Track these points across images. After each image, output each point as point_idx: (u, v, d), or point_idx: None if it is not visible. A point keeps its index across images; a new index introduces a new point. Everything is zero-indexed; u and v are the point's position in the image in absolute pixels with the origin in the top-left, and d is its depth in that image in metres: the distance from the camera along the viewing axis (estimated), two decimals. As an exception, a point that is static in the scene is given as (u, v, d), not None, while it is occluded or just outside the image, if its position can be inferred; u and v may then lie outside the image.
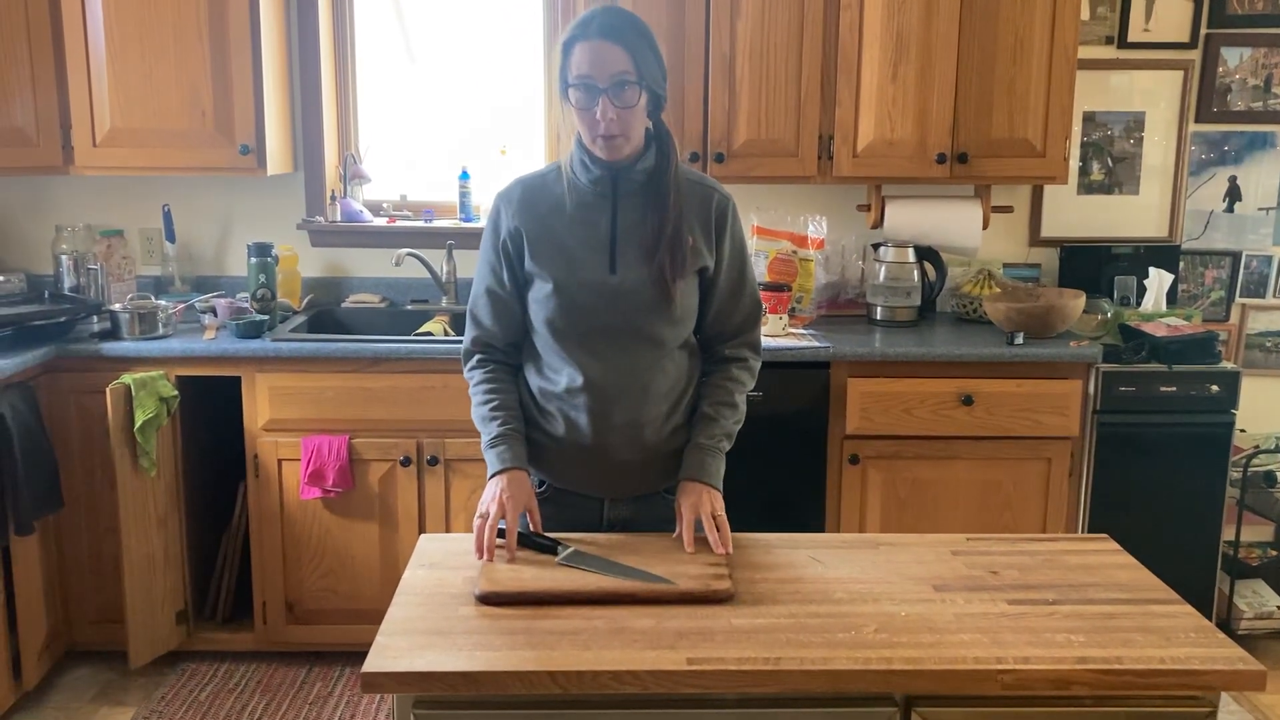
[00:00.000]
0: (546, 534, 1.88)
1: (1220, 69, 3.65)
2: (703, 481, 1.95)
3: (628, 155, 1.92)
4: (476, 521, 1.86)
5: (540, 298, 1.97)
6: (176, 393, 3.14)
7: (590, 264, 1.94)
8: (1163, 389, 3.21)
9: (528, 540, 1.87)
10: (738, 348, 2.07)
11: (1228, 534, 3.39)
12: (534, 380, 2.03)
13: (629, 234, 1.95)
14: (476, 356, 2.06)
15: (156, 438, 3.09)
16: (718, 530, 1.87)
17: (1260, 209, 3.76)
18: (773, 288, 3.31)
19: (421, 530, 3.19)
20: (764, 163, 3.36)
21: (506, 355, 2.05)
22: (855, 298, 3.67)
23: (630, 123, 1.88)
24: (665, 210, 1.93)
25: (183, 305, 3.41)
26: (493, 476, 1.92)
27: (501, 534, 1.85)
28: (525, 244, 1.97)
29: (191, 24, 3.27)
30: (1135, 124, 3.71)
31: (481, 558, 1.80)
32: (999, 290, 3.55)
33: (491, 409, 1.99)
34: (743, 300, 2.06)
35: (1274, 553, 3.64)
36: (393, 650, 1.54)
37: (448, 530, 3.20)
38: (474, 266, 2.09)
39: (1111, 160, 3.73)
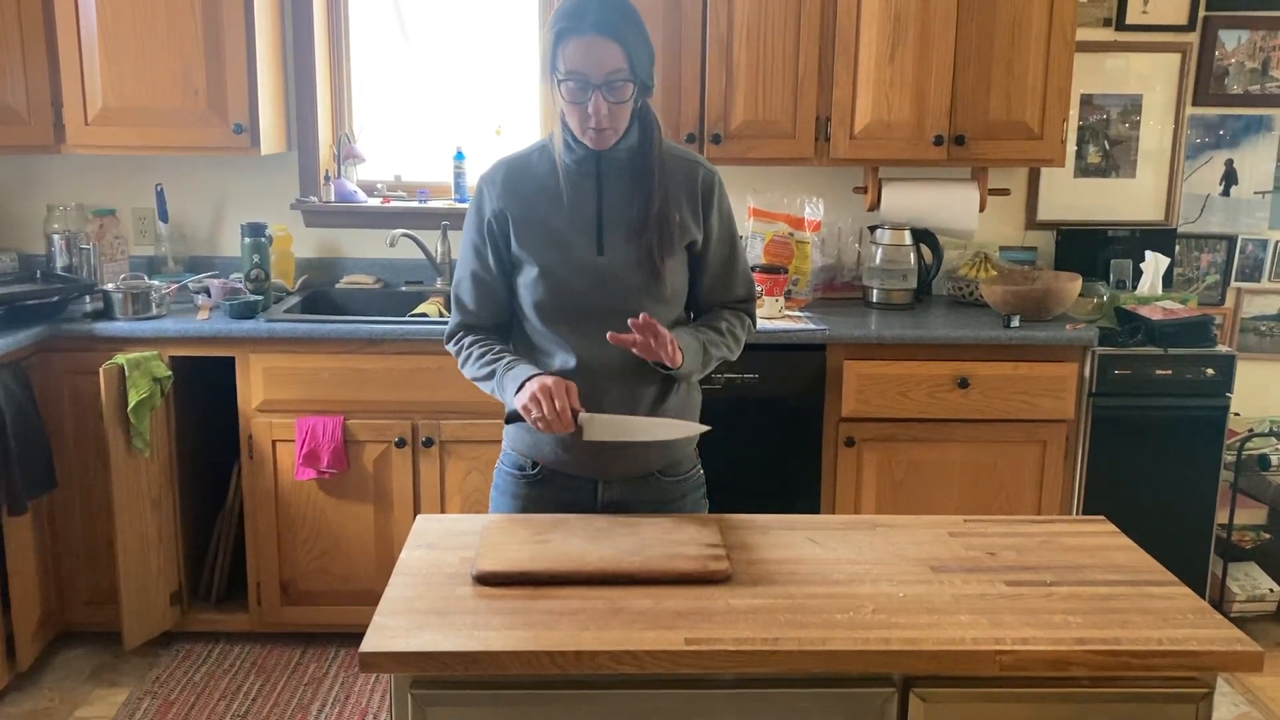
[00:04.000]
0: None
1: (1218, 52, 3.64)
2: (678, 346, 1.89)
3: (613, 143, 1.91)
4: (536, 411, 1.82)
5: (528, 282, 1.95)
6: (170, 373, 3.12)
7: (577, 245, 1.93)
8: (1158, 372, 3.21)
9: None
10: (736, 310, 2.08)
11: (1221, 517, 3.40)
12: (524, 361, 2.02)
13: (615, 214, 1.93)
14: (461, 333, 2.04)
15: (150, 418, 3.08)
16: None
17: (1256, 193, 3.75)
18: (769, 270, 3.30)
19: (416, 512, 3.19)
20: (761, 144, 3.35)
21: (494, 335, 2.04)
22: (851, 280, 3.67)
23: (620, 116, 1.87)
24: (651, 189, 1.91)
25: (176, 285, 3.40)
26: (525, 384, 1.86)
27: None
28: (510, 227, 1.96)
29: (184, 1, 3.24)
30: (1132, 107, 3.70)
31: (561, 423, 1.80)
32: (995, 273, 3.54)
33: (494, 353, 1.96)
34: (736, 276, 2.05)
35: (1267, 536, 3.65)
36: (390, 630, 1.54)
37: (443, 512, 3.20)
38: None
39: (1108, 143, 3.72)
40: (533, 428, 1.93)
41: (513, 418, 1.93)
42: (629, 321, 1.83)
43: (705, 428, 1.75)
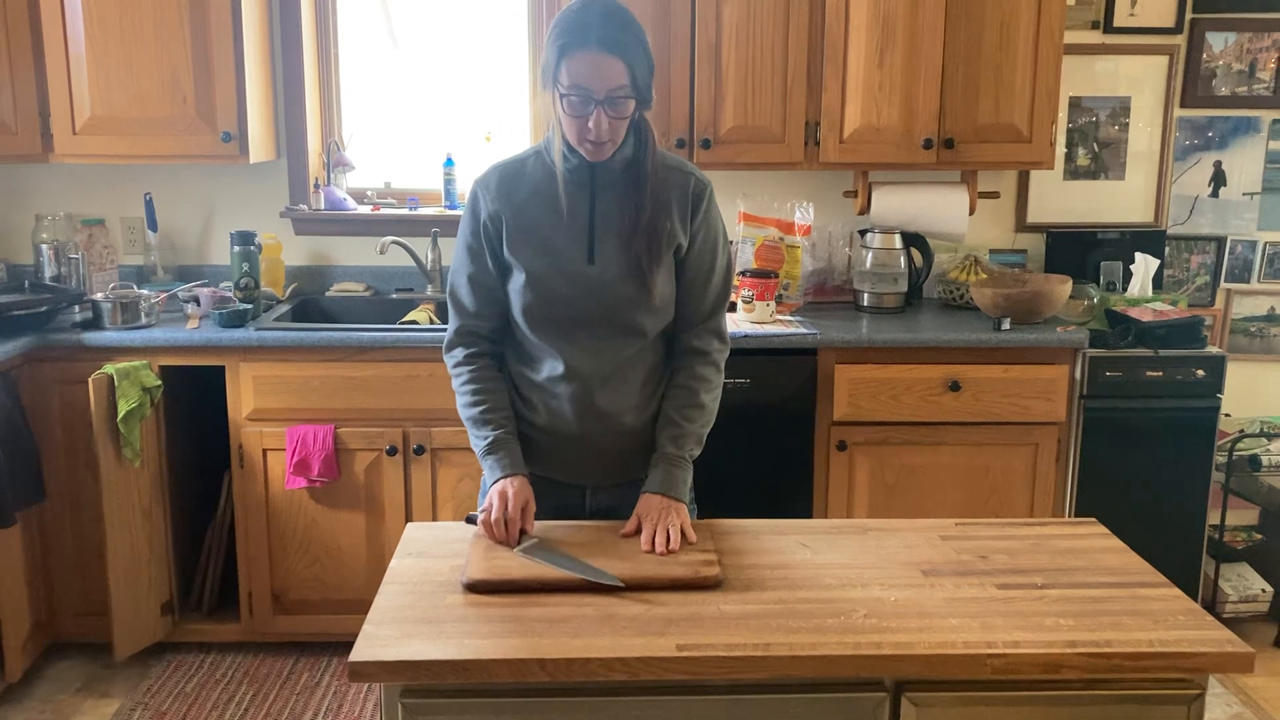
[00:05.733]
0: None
1: (1205, 54, 3.66)
2: (668, 496, 1.91)
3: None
4: (481, 516, 1.85)
5: (517, 287, 1.95)
6: (160, 383, 3.11)
7: (568, 253, 1.93)
8: (1149, 374, 3.22)
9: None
10: (704, 337, 2.03)
11: (1213, 518, 3.40)
12: (514, 368, 2.02)
13: (607, 223, 1.93)
14: (461, 350, 2.01)
15: (140, 428, 3.07)
16: (663, 537, 1.84)
17: (1245, 194, 3.76)
18: (759, 274, 3.30)
19: (408, 520, 3.18)
20: (750, 149, 3.35)
21: (492, 344, 2.03)
22: (842, 284, 3.67)
23: (620, 130, 1.87)
24: (643, 199, 1.91)
25: (165, 294, 3.38)
26: (494, 484, 1.90)
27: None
28: (504, 231, 1.95)
29: (172, 8, 3.23)
30: (1121, 109, 3.71)
31: (513, 545, 1.81)
32: (985, 276, 3.55)
33: (482, 411, 1.96)
34: (712, 283, 2.02)
35: (1259, 536, 3.66)
36: (380, 639, 1.53)
37: (434, 519, 3.19)
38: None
39: (1097, 146, 3.73)
40: (521, 435, 1.95)
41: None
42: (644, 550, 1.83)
43: (622, 586, 1.71)
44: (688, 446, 1.97)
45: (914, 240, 3.55)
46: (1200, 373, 3.22)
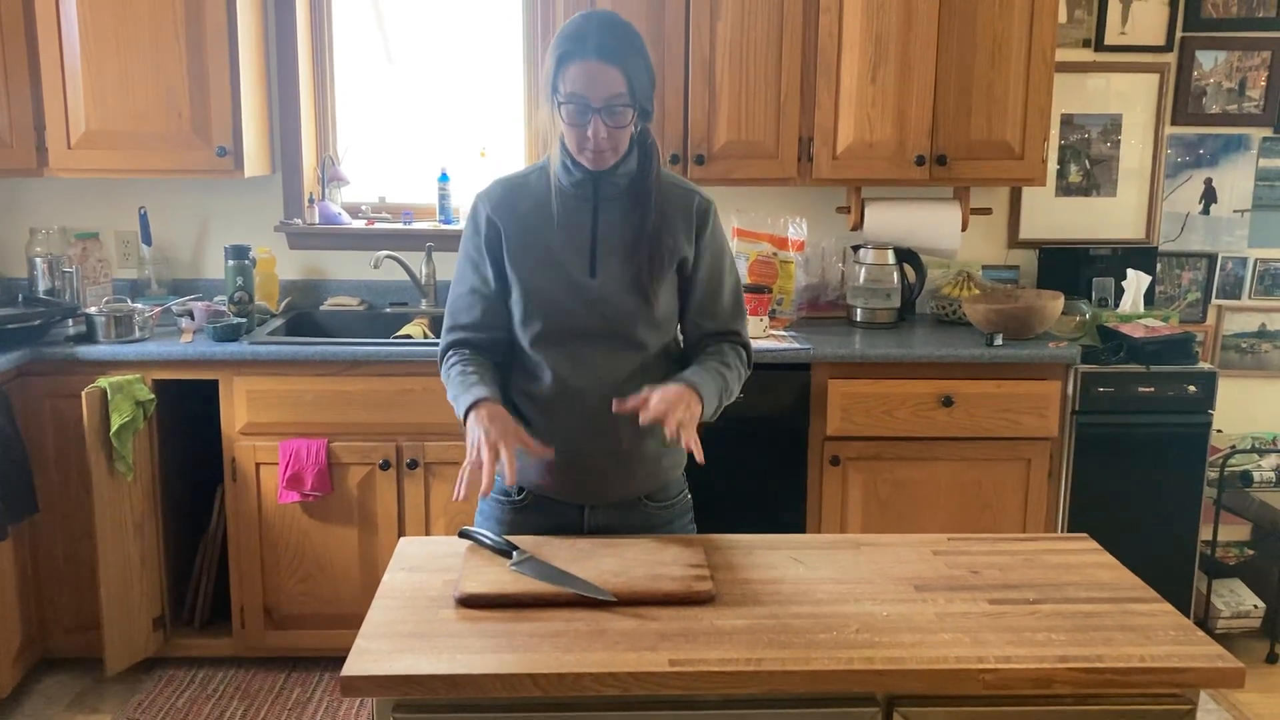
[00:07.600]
0: (505, 538, 1.86)
1: (1195, 72, 3.68)
2: (690, 385, 1.87)
3: (612, 164, 1.92)
4: (470, 463, 1.79)
5: (516, 300, 1.95)
6: (153, 396, 3.11)
7: (570, 267, 1.93)
8: (1140, 390, 3.23)
9: (483, 541, 1.85)
10: (726, 335, 2.05)
11: (1205, 533, 3.41)
12: (514, 384, 2.02)
13: (609, 238, 1.94)
14: (453, 352, 1.99)
15: (133, 442, 3.06)
16: (662, 410, 1.81)
17: (1235, 211, 3.79)
18: (753, 290, 3.31)
19: (401, 534, 3.18)
20: (744, 165, 3.36)
21: (488, 353, 2.02)
22: (835, 299, 3.68)
23: (620, 139, 1.88)
24: (646, 214, 1.92)
25: (159, 308, 3.38)
26: (468, 414, 1.85)
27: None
28: (504, 244, 1.96)
29: (168, 24, 3.25)
30: (1112, 126, 3.73)
31: (482, 492, 1.78)
32: (978, 292, 3.56)
33: (468, 371, 1.93)
34: (724, 295, 2.03)
35: (1251, 552, 3.66)
36: (372, 653, 1.53)
37: (428, 534, 3.18)
38: (453, 269, 2.06)
39: (1089, 162, 3.75)
40: (519, 451, 1.93)
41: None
42: (615, 407, 1.84)
43: (614, 599, 1.68)
44: (717, 376, 1.94)
45: (907, 256, 3.56)
46: (1192, 389, 3.24)
